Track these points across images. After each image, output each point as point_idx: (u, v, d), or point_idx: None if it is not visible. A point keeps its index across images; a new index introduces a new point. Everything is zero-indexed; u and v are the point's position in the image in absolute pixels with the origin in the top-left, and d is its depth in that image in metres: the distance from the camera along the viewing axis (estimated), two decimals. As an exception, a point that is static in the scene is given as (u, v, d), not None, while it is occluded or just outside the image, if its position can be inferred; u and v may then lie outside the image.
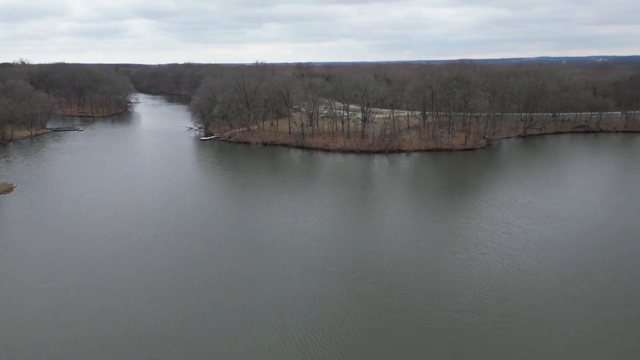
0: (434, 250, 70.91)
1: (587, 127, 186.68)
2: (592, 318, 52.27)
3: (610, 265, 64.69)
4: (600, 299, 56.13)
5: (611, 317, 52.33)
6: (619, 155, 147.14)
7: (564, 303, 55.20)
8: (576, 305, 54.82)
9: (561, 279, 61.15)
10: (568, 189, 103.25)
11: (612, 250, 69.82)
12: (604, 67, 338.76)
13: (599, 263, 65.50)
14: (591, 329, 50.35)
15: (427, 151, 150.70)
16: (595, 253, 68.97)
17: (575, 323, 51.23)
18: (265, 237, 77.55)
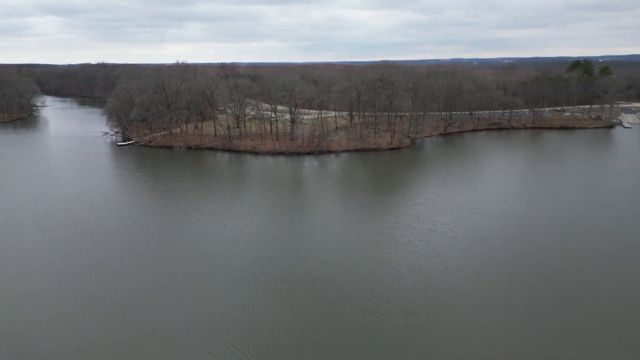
0: (366, 252, 70.55)
1: (500, 124, 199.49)
2: (516, 310, 54.26)
3: (531, 258, 68.09)
4: (525, 291, 58.60)
5: (534, 308, 54.68)
6: (529, 150, 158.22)
7: (489, 298, 56.95)
8: (501, 298, 56.75)
9: (486, 274, 63.26)
10: (487, 184, 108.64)
11: (533, 243, 73.70)
12: (511, 68, 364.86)
13: (520, 256, 68.72)
14: (517, 321, 52.17)
15: (355, 151, 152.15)
16: (516, 246, 72.38)
17: (501, 317, 52.89)
18: (189, 248, 72.82)
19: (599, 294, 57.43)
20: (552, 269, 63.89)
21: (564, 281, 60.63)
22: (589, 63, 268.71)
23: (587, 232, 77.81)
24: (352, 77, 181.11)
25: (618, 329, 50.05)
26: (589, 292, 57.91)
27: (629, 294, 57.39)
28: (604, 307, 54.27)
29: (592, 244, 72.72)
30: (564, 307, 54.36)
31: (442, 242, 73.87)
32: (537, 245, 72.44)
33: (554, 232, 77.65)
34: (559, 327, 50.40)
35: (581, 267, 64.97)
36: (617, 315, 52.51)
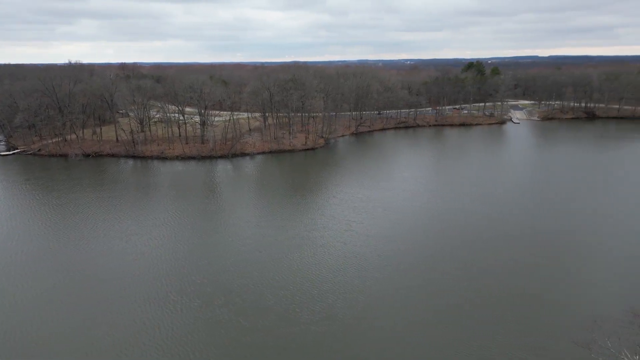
0: (284, 258, 68.94)
1: (407, 123, 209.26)
2: (432, 307, 56.00)
3: (444, 253, 71.13)
4: (441, 287, 60.82)
5: (450, 304, 56.89)
6: (434, 146, 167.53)
7: (407, 296, 58.28)
8: (417, 296, 58.31)
9: (402, 271, 64.81)
10: (398, 181, 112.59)
11: (445, 237, 77.16)
12: (413, 69, 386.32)
13: (434, 251, 71.51)
14: (433, 319, 53.79)
15: (270, 153, 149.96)
16: (429, 241, 75.29)
17: (417, 315, 54.24)
18: (89, 267, 65.82)
19: (510, 287, 61.41)
20: (465, 264, 67.27)
21: (478, 275, 64.02)
22: (481, 64, 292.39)
23: (493, 223, 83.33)
24: (263, 78, 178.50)
25: (533, 324, 53.01)
26: (501, 285, 61.69)
27: (534, 283, 62.10)
28: (518, 302, 58.06)
29: (499, 236, 77.89)
30: (480, 302, 57.25)
31: (359, 242, 74.65)
32: (448, 239, 75.99)
33: (464, 225, 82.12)
34: (474, 323, 52.85)
35: (493, 261, 69.13)
36: (530, 310, 56.24)
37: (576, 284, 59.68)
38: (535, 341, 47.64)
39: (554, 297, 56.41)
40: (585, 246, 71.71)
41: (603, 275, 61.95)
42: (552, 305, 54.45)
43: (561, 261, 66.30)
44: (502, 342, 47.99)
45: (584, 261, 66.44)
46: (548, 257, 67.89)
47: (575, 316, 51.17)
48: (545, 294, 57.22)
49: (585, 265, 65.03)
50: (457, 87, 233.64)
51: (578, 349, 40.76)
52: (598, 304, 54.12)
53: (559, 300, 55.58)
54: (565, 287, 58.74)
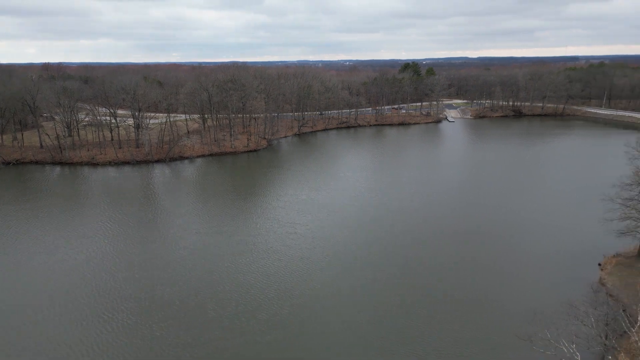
0: (227, 265, 66.39)
1: (348, 122, 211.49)
2: (376, 307, 56.05)
3: (388, 252, 71.67)
4: (383, 286, 61.04)
5: (393, 304, 57.19)
6: (375, 145, 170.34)
7: (352, 297, 57.96)
8: (363, 296, 58.16)
9: (346, 272, 64.49)
10: (341, 181, 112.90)
11: (388, 236, 77.82)
12: (353, 69, 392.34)
13: (377, 250, 71.87)
14: (380, 316, 53.80)
15: (211, 156, 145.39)
16: (373, 241, 75.60)
17: (362, 316, 54.03)
18: (7, 286, 59.63)
19: (452, 285, 62.83)
20: (408, 262, 68.12)
21: (421, 274, 64.95)
22: (416, 65, 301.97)
23: (433, 221, 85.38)
24: (201, 79, 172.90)
25: (476, 320, 54.30)
26: (443, 283, 62.95)
27: (474, 281, 63.97)
28: (461, 299, 59.42)
29: (439, 235, 79.82)
30: (424, 300, 58.00)
31: (304, 244, 73.60)
32: (391, 238, 76.78)
33: (405, 224, 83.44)
34: (419, 320, 53.38)
35: (435, 260, 70.51)
36: (472, 306, 57.71)
37: (515, 280, 61.81)
38: (479, 336, 48.87)
39: (494, 293, 58.25)
40: (519, 242, 74.93)
41: (538, 269, 64.82)
42: (493, 301, 56.11)
43: (499, 258, 68.85)
44: (447, 337, 48.82)
45: (519, 257, 69.17)
46: (486, 254, 70.39)
47: (517, 310, 52.72)
48: (486, 290, 59.07)
49: (521, 261, 67.71)
50: (395, 87, 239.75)
51: (520, 342, 42.21)
52: (537, 297, 56.05)
53: (500, 296, 57.38)
54: (505, 283, 60.76)
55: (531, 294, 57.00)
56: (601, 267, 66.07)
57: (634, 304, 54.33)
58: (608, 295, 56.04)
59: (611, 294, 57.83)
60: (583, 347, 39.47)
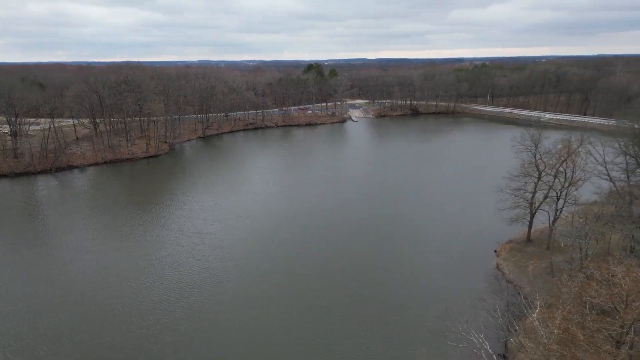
0: (127, 286, 60.23)
1: (255, 124, 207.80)
2: (293, 309, 54.44)
3: (299, 254, 70.33)
4: (297, 288, 59.50)
5: (308, 304, 55.94)
6: (283, 146, 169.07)
7: (267, 302, 55.72)
8: (276, 300, 56.16)
9: (259, 278, 62.03)
10: (250, 184, 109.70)
11: (297, 240, 76.53)
12: (257, 70, 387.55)
13: (287, 255, 70.21)
14: (296, 319, 52.18)
15: (105, 164, 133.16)
16: (283, 245, 73.84)
17: (282, 318, 52.13)
18: None
19: (367, 285, 63.15)
20: (321, 264, 67.42)
21: (334, 275, 64.48)
22: (319, 66, 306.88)
23: (343, 222, 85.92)
24: (90, 80, 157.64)
25: (392, 318, 54.50)
26: (357, 283, 63.05)
27: (388, 280, 65.06)
28: (376, 298, 59.80)
29: (349, 235, 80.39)
30: (339, 301, 57.46)
31: (213, 255, 69.60)
32: (302, 240, 75.74)
33: (316, 225, 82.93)
34: (336, 320, 52.66)
35: (347, 260, 70.59)
36: (388, 305, 58.26)
37: (423, 276, 63.43)
38: (396, 334, 49.37)
39: (406, 290, 59.08)
40: (423, 239, 77.78)
41: (444, 263, 67.45)
42: (406, 299, 56.88)
43: (406, 255, 70.53)
44: (364, 336, 48.73)
45: (425, 253, 71.65)
46: (394, 252, 72.16)
47: (429, 307, 53.69)
48: (398, 288, 60.02)
49: (427, 257, 70.11)
50: (300, 87, 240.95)
51: (436, 337, 43.27)
52: (446, 291, 57.78)
53: (411, 293, 58.33)
54: (414, 280, 62.10)
55: (440, 288, 58.82)
56: (497, 253, 71.28)
57: (527, 285, 59.23)
58: (506, 281, 60.36)
59: (508, 278, 62.42)
60: (492, 336, 41.61)
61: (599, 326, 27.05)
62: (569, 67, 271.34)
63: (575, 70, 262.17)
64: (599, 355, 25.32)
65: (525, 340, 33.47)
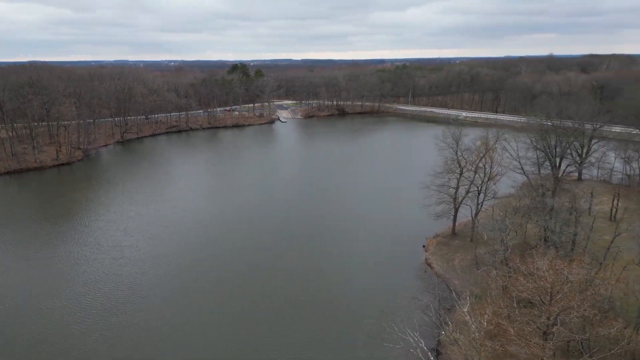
0: (34, 309, 53.86)
1: (178, 126, 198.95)
2: (225, 317, 51.79)
3: (225, 263, 67.35)
4: (227, 297, 56.80)
5: (240, 313, 53.56)
6: (209, 149, 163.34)
7: (196, 315, 52.57)
8: (206, 312, 53.23)
9: (186, 290, 58.49)
10: (174, 191, 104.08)
11: (226, 246, 73.40)
12: (179, 70, 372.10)
13: (217, 263, 67.05)
14: (229, 327, 49.65)
15: (8, 174, 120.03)
16: (212, 252, 70.45)
17: (216, 330, 49.32)
18: None
19: (300, 288, 61.76)
20: (253, 269, 65.07)
21: (267, 279, 62.41)
22: (245, 66, 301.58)
23: (274, 224, 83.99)
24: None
25: (328, 321, 53.45)
26: (291, 286, 61.49)
27: (322, 283, 64.17)
28: (312, 301, 58.50)
29: (281, 237, 78.64)
30: (273, 305, 55.56)
31: (135, 269, 64.57)
32: (231, 246, 72.86)
33: (246, 230, 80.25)
34: (269, 327, 50.80)
35: (281, 264, 68.69)
36: (324, 308, 57.22)
37: (358, 277, 62.95)
38: (333, 338, 48.51)
39: (341, 292, 58.21)
40: (355, 238, 77.53)
41: (376, 261, 67.55)
42: (341, 300, 56.02)
43: (339, 256, 69.83)
44: (302, 341, 47.45)
45: (358, 252, 71.39)
46: (327, 253, 71.41)
47: (365, 308, 53.05)
48: (333, 290, 59.00)
49: (360, 257, 69.92)
50: (226, 88, 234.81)
51: (371, 339, 42.96)
52: (380, 291, 57.45)
53: (347, 294, 57.40)
54: (349, 281, 61.35)
55: (374, 289, 58.44)
56: (425, 248, 73.42)
57: (455, 278, 61.41)
58: (436, 275, 62.13)
59: (437, 272, 64.32)
60: (427, 333, 42.15)
61: (527, 319, 28.05)
62: (480, 68, 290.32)
63: (486, 71, 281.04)
64: (529, 348, 26.23)
65: (459, 336, 34.13)
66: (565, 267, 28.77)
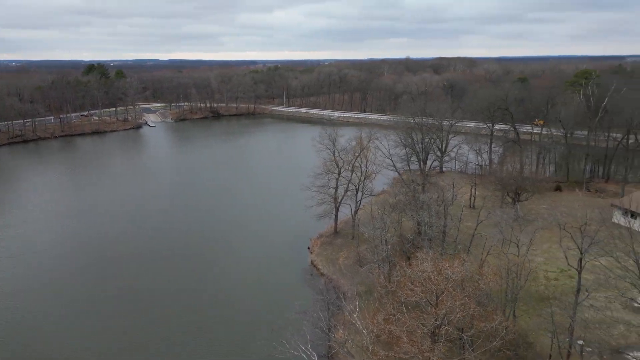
0: None
1: (24, 136, 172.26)
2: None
3: (86, 286, 59.02)
4: (88, 324, 49.48)
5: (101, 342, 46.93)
6: (65, 161, 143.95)
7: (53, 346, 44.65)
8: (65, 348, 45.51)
9: (36, 331, 49.57)
10: (21, 212, 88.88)
11: (87, 269, 64.41)
12: (22, 71, 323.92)
13: (77, 288, 58.31)
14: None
15: None
16: (69, 278, 61.18)
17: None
18: None
19: (184, 309, 56.33)
20: (124, 292, 57.79)
21: (140, 302, 55.83)
22: (103, 67, 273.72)
23: (146, 240, 76.37)
24: None
25: (218, 345, 49.22)
26: (172, 306, 55.82)
27: (205, 302, 59.40)
28: (202, 328, 53.47)
29: (156, 255, 71.63)
30: (151, 330, 49.66)
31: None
32: (97, 269, 64.16)
33: (115, 248, 71.52)
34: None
35: (156, 283, 62.23)
36: (212, 331, 52.49)
37: (248, 291, 59.16)
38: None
39: (232, 312, 54.03)
40: (239, 248, 73.46)
41: (266, 272, 64.25)
42: (231, 323, 51.87)
43: (224, 271, 65.35)
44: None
45: (247, 263, 67.69)
46: (213, 269, 66.88)
47: (256, 326, 49.64)
48: (222, 311, 54.70)
49: (249, 267, 66.35)
50: (81, 91, 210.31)
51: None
52: (270, 305, 54.30)
53: (236, 319, 52.77)
54: (238, 297, 57.40)
55: (263, 304, 55.11)
56: (310, 250, 73.22)
57: (341, 278, 61.98)
58: (323, 276, 61.95)
59: (323, 273, 64.30)
60: (319, 344, 40.96)
61: (417, 323, 28.40)
62: (348, 70, 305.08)
63: (353, 72, 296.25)
64: (422, 355, 26.43)
65: (350, 344, 33.58)
66: (450, 266, 29.94)
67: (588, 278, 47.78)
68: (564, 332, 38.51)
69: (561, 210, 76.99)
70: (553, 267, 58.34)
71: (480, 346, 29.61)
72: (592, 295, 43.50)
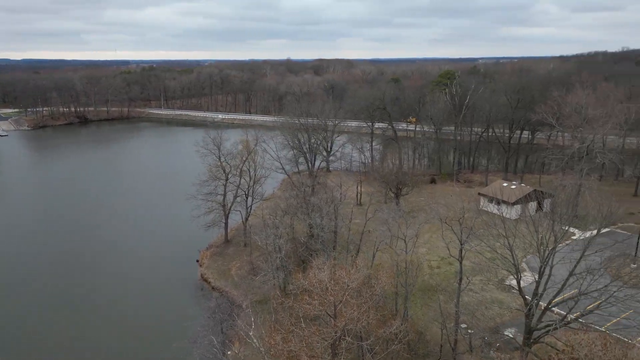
0: None
1: None
2: None
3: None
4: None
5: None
6: None
7: None
8: None
9: None
10: None
11: None
12: None
13: None
14: None
15: None
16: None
17: None
18: None
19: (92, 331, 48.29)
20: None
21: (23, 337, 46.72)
22: None
23: (20, 263, 64.84)
24: None
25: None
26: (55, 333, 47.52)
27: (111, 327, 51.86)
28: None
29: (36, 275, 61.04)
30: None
31: None
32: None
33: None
34: None
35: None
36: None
37: (134, 319, 53.63)
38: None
39: (118, 345, 48.40)
40: (122, 269, 66.93)
41: (154, 293, 59.19)
42: (120, 348, 46.65)
43: (111, 308, 58.18)
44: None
45: (129, 285, 61.56)
46: (95, 295, 59.41)
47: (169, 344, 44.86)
48: (106, 336, 48.92)
49: (134, 288, 60.61)
50: None
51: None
52: (160, 339, 48.57)
53: (125, 340, 48.14)
54: (122, 338, 50.59)
55: (149, 336, 49.77)
56: (199, 263, 68.80)
57: (234, 290, 59.04)
58: (215, 290, 58.34)
59: (215, 287, 60.67)
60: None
61: (317, 337, 27.27)
62: (229, 70, 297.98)
63: (235, 73, 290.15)
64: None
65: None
66: (347, 274, 29.34)
67: (465, 264, 51.69)
68: (451, 320, 40.77)
69: (438, 202, 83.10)
70: (435, 256, 62.28)
71: (379, 352, 29.69)
72: (471, 280, 46.96)
